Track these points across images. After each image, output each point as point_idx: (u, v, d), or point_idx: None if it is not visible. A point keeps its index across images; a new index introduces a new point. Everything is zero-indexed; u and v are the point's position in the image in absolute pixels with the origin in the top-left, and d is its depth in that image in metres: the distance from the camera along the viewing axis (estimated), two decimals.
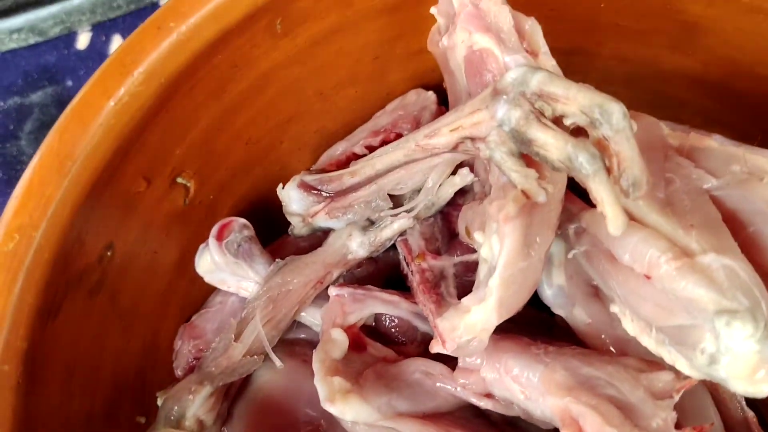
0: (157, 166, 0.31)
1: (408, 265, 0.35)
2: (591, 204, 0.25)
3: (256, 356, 0.31)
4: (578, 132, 0.25)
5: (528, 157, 0.27)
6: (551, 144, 0.25)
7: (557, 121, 0.26)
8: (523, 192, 0.26)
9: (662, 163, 0.30)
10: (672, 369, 0.27)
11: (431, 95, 0.38)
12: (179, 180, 0.33)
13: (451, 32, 0.31)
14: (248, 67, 0.32)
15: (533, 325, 0.34)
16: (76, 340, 0.29)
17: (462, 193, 0.36)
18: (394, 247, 0.36)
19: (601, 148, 0.24)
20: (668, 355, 0.26)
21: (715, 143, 0.29)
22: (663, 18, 0.36)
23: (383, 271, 0.37)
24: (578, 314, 0.31)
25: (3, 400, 0.25)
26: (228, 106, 0.33)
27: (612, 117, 0.24)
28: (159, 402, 0.31)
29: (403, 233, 0.35)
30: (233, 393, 0.32)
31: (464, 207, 0.34)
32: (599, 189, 0.24)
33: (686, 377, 0.26)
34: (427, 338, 0.34)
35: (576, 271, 0.31)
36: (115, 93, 0.27)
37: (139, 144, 0.29)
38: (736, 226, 0.27)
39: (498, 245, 0.27)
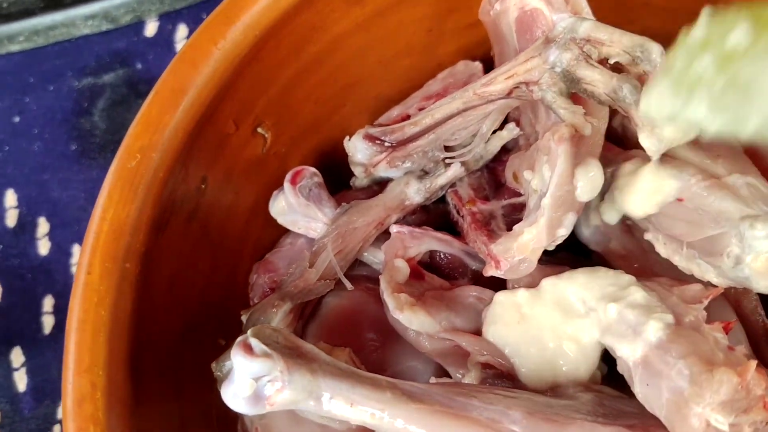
0: (244, 113, 0.36)
1: (459, 212, 0.39)
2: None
3: (328, 280, 0.35)
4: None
5: (575, 97, 0.31)
6: (598, 80, 0.29)
7: (602, 62, 0.30)
8: (573, 126, 0.31)
9: None
10: (701, 283, 0.31)
11: (478, 65, 0.42)
12: (259, 130, 0.37)
13: None
14: (324, 30, 0.37)
15: (574, 265, 0.38)
16: (176, 257, 0.33)
17: (506, 151, 0.40)
18: (443, 200, 0.40)
19: (642, 82, 0.29)
20: (698, 268, 0.30)
21: None
22: None
23: (434, 221, 0.41)
24: (614, 247, 0.35)
25: (125, 293, 0.29)
26: (303, 66, 0.38)
27: (651, 54, 0.28)
28: (243, 318, 0.34)
29: (453, 185, 0.39)
30: (307, 314, 0.36)
31: (511, 156, 0.38)
32: (641, 116, 0.28)
33: (714, 287, 0.30)
34: (477, 275, 0.38)
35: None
36: (219, 41, 0.32)
37: (233, 90, 0.34)
38: (756, 159, 0.31)
39: (548, 172, 0.31)
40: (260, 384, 0.27)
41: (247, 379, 0.27)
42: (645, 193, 0.31)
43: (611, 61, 0.29)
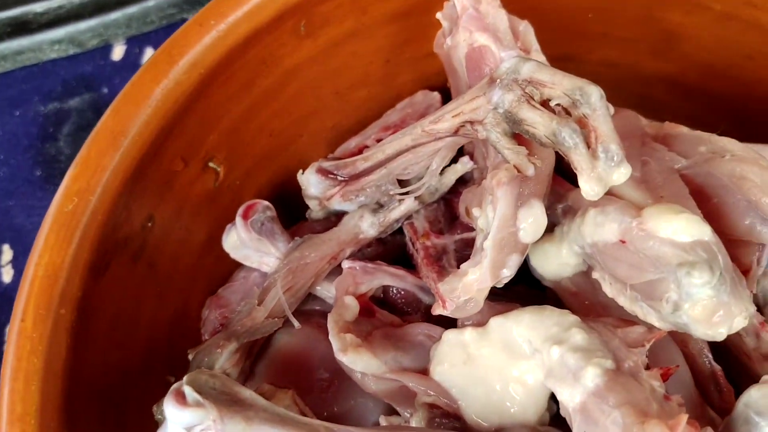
0: (193, 149, 0.35)
1: (413, 245, 0.38)
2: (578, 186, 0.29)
3: (276, 318, 0.35)
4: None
5: (519, 138, 0.31)
6: (539, 122, 0.29)
7: (544, 104, 0.30)
8: (515, 167, 0.30)
9: (639, 148, 0.34)
10: (645, 325, 0.30)
11: (436, 95, 0.42)
12: (210, 164, 0.37)
13: (454, 33, 0.35)
14: (275, 64, 0.37)
15: (526, 300, 0.38)
16: (119, 298, 0.33)
17: (462, 182, 0.40)
18: (400, 232, 0.40)
19: (582, 125, 0.28)
20: (641, 310, 0.30)
21: (685, 130, 0.33)
22: (645, 27, 0.40)
23: (390, 253, 0.41)
24: (565, 284, 0.35)
25: (59, 340, 0.28)
26: (256, 100, 0.37)
27: (590, 97, 0.28)
28: (190, 357, 0.34)
29: (409, 217, 0.39)
30: (255, 352, 0.35)
31: (465, 191, 0.37)
32: (579, 159, 0.28)
33: (657, 330, 0.30)
34: (430, 309, 0.37)
35: None
36: (162, 80, 0.32)
37: (180, 127, 0.34)
38: (702, 199, 0.31)
39: (492, 213, 0.31)
40: None
41: (179, 429, 0.26)
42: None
43: (553, 103, 0.29)
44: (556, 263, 0.34)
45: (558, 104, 0.29)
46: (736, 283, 0.28)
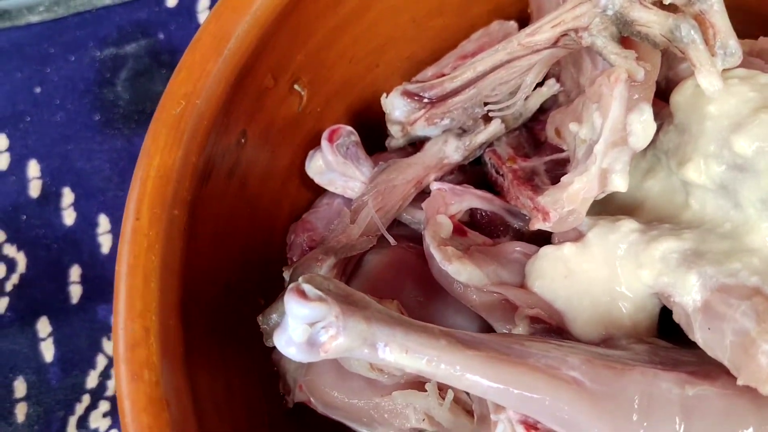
0: (282, 68, 0.35)
1: (498, 171, 0.38)
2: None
3: (370, 237, 0.35)
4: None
5: (625, 42, 0.30)
6: (654, 20, 0.29)
7: (655, 5, 0.29)
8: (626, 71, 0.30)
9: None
10: None
11: (513, 24, 0.42)
12: (296, 87, 0.37)
13: None
14: None
15: None
16: (218, 212, 0.32)
17: (543, 111, 0.39)
18: (478, 161, 0.40)
19: (698, 22, 0.28)
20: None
21: None
22: None
23: (471, 182, 0.40)
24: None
25: (173, 240, 0.28)
26: (339, 22, 0.37)
27: None
28: (285, 275, 0.34)
29: (490, 144, 0.39)
30: (349, 271, 0.35)
31: (553, 112, 0.37)
32: (698, 55, 0.28)
33: None
34: (519, 233, 0.37)
35: None
36: None
37: (273, 41, 0.33)
38: None
39: (600, 119, 0.30)
40: (314, 330, 0.26)
41: (301, 324, 0.26)
42: None
43: (666, 2, 0.29)
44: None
45: (671, 3, 0.29)
46: None
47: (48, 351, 0.46)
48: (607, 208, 0.36)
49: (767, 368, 0.25)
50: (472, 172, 0.41)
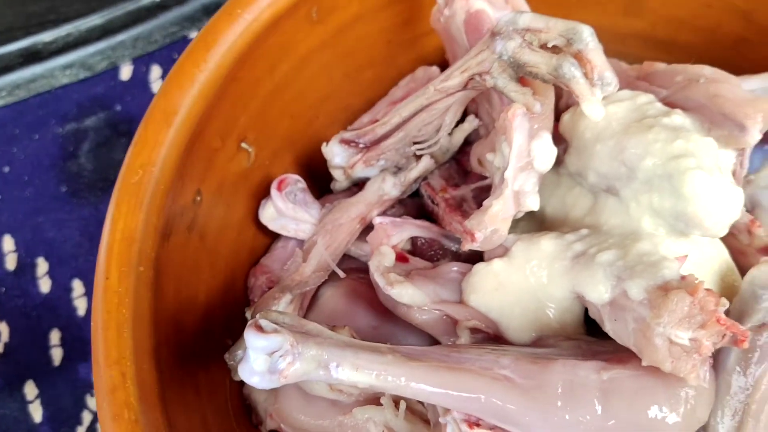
0: (228, 130, 0.39)
1: (433, 201, 0.42)
2: None
3: (321, 272, 0.38)
4: None
5: (523, 81, 0.35)
6: (541, 62, 0.33)
7: (542, 48, 0.34)
8: (524, 106, 0.35)
9: (625, 87, 0.39)
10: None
11: (435, 69, 0.46)
12: (243, 145, 0.41)
13: (451, 3, 0.39)
14: (292, 49, 0.41)
15: None
16: (180, 265, 0.36)
17: (468, 144, 0.44)
18: (416, 194, 0.44)
19: (578, 59, 0.33)
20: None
21: (662, 65, 0.38)
22: None
23: (410, 213, 0.45)
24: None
25: (141, 294, 0.31)
26: (277, 84, 0.41)
27: (582, 34, 0.32)
28: (247, 315, 0.37)
29: (425, 178, 0.43)
30: (306, 305, 0.39)
31: (475, 145, 0.42)
32: (579, 88, 0.32)
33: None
34: (456, 255, 0.41)
35: None
36: (202, 65, 0.35)
37: (218, 108, 0.37)
38: None
39: (507, 148, 0.35)
40: (273, 359, 0.30)
41: (261, 355, 0.29)
42: None
43: (549, 45, 0.33)
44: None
45: (554, 46, 0.34)
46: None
47: (37, 412, 0.49)
48: (541, 226, 0.40)
49: (663, 349, 0.29)
50: (411, 204, 0.45)
